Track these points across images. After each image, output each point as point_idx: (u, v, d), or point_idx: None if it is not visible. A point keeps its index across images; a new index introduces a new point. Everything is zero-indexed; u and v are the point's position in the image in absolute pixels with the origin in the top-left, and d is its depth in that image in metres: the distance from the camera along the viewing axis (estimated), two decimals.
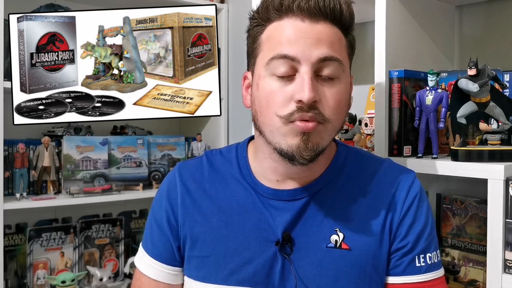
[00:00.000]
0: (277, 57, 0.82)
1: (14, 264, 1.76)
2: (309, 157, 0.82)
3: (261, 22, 0.87)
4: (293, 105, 0.81)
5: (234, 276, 0.89)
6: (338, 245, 0.87)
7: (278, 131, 0.83)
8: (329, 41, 0.83)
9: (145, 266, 0.98)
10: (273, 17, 0.85)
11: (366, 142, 1.41)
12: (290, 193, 0.90)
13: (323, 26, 0.83)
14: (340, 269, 0.86)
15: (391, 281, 0.89)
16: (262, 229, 0.89)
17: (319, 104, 0.82)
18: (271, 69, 0.83)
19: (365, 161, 0.96)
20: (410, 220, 0.89)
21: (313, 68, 0.81)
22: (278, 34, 0.84)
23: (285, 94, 0.82)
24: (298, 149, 0.82)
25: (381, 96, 1.23)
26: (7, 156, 1.70)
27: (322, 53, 0.81)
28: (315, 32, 0.82)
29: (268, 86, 0.83)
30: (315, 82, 0.82)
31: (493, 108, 1.09)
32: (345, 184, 0.92)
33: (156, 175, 2.01)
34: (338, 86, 0.84)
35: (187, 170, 0.98)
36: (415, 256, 0.88)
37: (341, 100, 0.85)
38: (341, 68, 0.84)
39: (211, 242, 0.91)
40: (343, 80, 0.85)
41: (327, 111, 0.82)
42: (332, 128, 0.85)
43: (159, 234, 0.97)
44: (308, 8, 0.82)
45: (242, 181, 0.93)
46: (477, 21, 1.50)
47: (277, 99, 0.82)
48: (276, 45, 0.83)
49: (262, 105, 0.85)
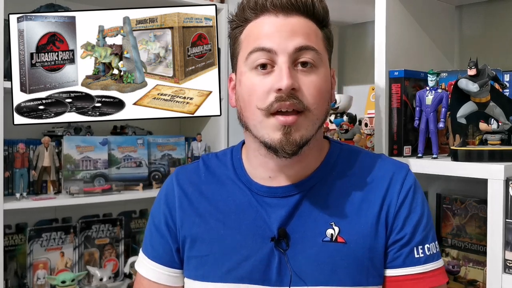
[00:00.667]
0: (254, 50, 0.85)
1: (14, 264, 1.76)
2: (291, 151, 0.84)
3: (239, 24, 0.92)
4: (273, 95, 0.83)
5: (232, 274, 0.90)
6: (333, 238, 0.88)
7: (261, 124, 0.85)
8: (304, 32, 0.86)
9: (146, 270, 1.00)
10: (249, 16, 0.89)
11: (366, 142, 1.41)
12: (284, 190, 0.91)
13: (297, 19, 0.87)
14: (336, 262, 0.87)
15: (391, 274, 0.90)
16: (258, 226, 0.91)
17: (298, 93, 0.84)
18: (250, 63, 0.86)
19: (358, 157, 0.97)
20: (405, 212, 0.90)
21: (290, 58, 0.84)
22: (255, 31, 0.88)
23: (265, 86, 0.84)
24: (280, 143, 0.84)
25: (381, 96, 1.24)
26: (7, 156, 1.70)
27: (298, 43, 0.84)
28: (290, 25, 0.86)
29: (249, 80, 0.87)
30: (294, 71, 0.84)
31: (493, 108, 1.09)
32: (338, 179, 0.93)
33: (156, 175, 2.01)
34: (317, 74, 0.86)
35: (185, 174, 1.01)
36: (413, 247, 0.89)
37: (321, 88, 0.87)
38: (318, 57, 0.87)
39: (209, 242, 0.93)
40: (321, 69, 0.88)
41: (306, 99, 0.84)
42: (314, 117, 0.86)
43: (158, 237, 0.99)
44: (281, 3, 0.86)
45: (237, 182, 0.95)
46: (477, 21, 1.50)
47: (257, 92, 0.85)
48: (254, 40, 0.87)
49: (245, 100, 0.88)
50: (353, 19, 1.79)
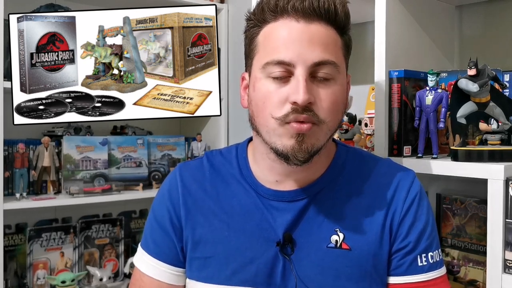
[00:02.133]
0: (272, 62, 0.83)
1: (14, 264, 1.76)
2: (303, 159, 0.83)
3: (257, 24, 0.88)
4: (288, 106, 0.82)
5: (236, 276, 0.89)
6: (338, 245, 0.88)
7: (274, 132, 0.84)
8: (324, 43, 0.83)
9: (146, 266, 0.97)
10: (268, 18, 0.86)
11: (366, 142, 1.41)
12: (290, 194, 0.90)
13: (317, 26, 0.84)
14: (340, 269, 0.87)
15: (394, 281, 0.89)
16: (263, 229, 0.89)
17: (314, 106, 0.82)
18: (267, 73, 0.84)
19: (365, 161, 0.96)
20: (410, 220, 0.89)
21: (308, 70, 0.82)
22: (273, 36, 0.85)
23: (281, 96, 0.82)
24: (293, 150, 0.82)
25: (381, 96, 1.23)
26: (7, 156, 1.70)
27: (317, 57, 0.82)
28: (310, 34, 0.83)
29: (264, 87, 0.84)
30: (310, 84, 0.82)
31: (493, 108, 1.09)
32: (345, 185, 0.92)
33: (156, 175, 2.01)
34: (334, 87, 0.85)
35: (188, 170, 0.98)
36: (417, 255, 0.89)
37: (337, 101, 0.85)
38: (336, 70, 0.85)
39: (213, 243, 0.91)
40: (338, 81, 0.86)
41: (322, 112, 0.83)
42: (327, 129, 0.85)
43: (162, 234, 0.96)
44: (302, 8, 0.82)
45: (243, 182, 0.94)
46: (477, 21, 1.50)
47: (272, 101, 0.83)
48: (272, 49, 0.84)
49: (258, 106, 0.86)
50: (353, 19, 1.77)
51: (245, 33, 0.92)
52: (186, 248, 0.94)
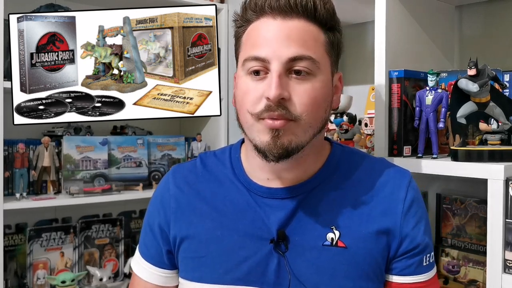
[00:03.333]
0: (249, 58, 0.85)
1: (14, 264, 1.76)
2: (277, 154, 0.83)
3: (242, 24, 0.90)
4: (263, 103, 0.83)
5: (230, 275, 0.89)
6: (334, 243, 0.88)
7: (252, 128, 0.85)
8: (302, 39, 0.83)
9: (140, 269, 1.00)
10: (251, 18, 0.88)
11: (366, 142, 1.41)
12: (283, 192, 0.90)
13: (295, 23, 0.84)
14: (336, 267, 0.87)
15: (402, 281, 0.89)
16: (256, 227, 0.90)
17: (288, 102, 0.82)
18: (246, 69, 0.86)
19: (360, 160, 0.96)
20: (413, 221, 0.89)
21: (284, 66, 0.82)
22: (253, 35, 0.87)
23: (257, 92, 0.84)
24: (268, 146, 0.83)
25: (381, 96, 1.23)
26: (7, 156, 1.70)
27: (292, 52, 0.82)
28: (287, 30, 0.83)
29: (244, 84, 0.86)
30: (286, 79, 0.83)
31: (493, 108, 1.09)
32: (339, 183, 0.92)
33: (156, 175, 2.01)
34: (313, 83, 0.84)
35: (181, 172, 1.00)
36: (424, 255, 0.90)
37: (316, 97, 0.85)
38: (315, 66, 0.84)
39: (206, 242, 0.92)
40: (319, 77, 0.85)
41: (298, 108, 0.83)
42: (306, 125, 0.84)
43: (151, 237, 0.98)
44: (278, 6, 0.83)
45: (236, 181, 0.94)
46: (477, 21, 1.50)
47: (250, 97, 0.84)
48: (251, 47, 0.86)
49: (239, 103, 0.88)
50: (353, 19, 1.79)
51: (234, 35, 0.95)
52: (178, 248, 0.95)
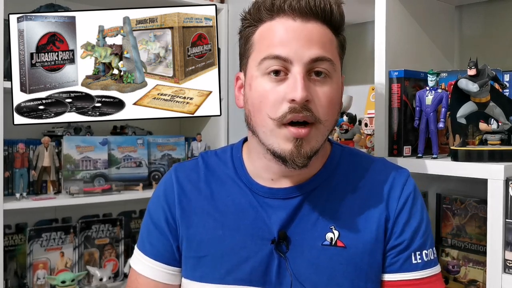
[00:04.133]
0: (269, 57, 0.83)
1: (14, 264, 1.76)
2: (301, 164, 0.83)
3: (253, 23, 0.88)
4: (286, 105, 0.82)
5: (231, 275, 0.89)
6: (333, 242, 0.88)
7: (272, 133, 0.84)
8: (321, 41, 0.84)
9: (143, 267, 0.98)
10: (264, 17, 0.86)
11: (366, 142, 1.41)
12: (285, 192, 0.91)
13: (314, 25, 0.84)
14: (335, 266, 0.87)
15: (388, 278, 0.90)
16: (258, 227, 0.90)
17: (311, 104, 0.82)
18: (263, 69, 0.84)
19: (359, 160, 0.97)
20: (405, 217, 0.90)
21: (305, 68, 0.82)
22: (270, 34, 0.85)
23: (278, 95, 0.82)
24: (291, 155, 0.83)
25: (381, 96, 1.23)
26: (7, 156, 1.70)
27: (314, 54, 0.82)
28: (307, 32, 0.83)
29: (261, 86, 0.84)
30: (307, 81, 0.83)
31: (493, 108, 1.09)
32: (339, 183, 0.92)
33: (156, 175, 2.01)
34: (330, 85, 0.85)
35: (183, 171, 0.99)
36: (411, 253, 0.89)
37: (333, 99, 0.86)
38: (332, 68, 0.85)
39: (207, 242, 0.92)
40: (334, 80, 0.86)
41: (320, 110, 0.83)
42: (325, 129, 0.86)
43: (158, 234, 0.97)
44: (299, 7, 0.83)
45: (238, 181, 0.94)
46: (477, 21, 1.50)
47: (269, 100, 0.83)
48: (268, 46, 0.84)
49: (255, 106, 0.86)
50: (353, 19, 1.78)
51: (240, 33, 0.93)
52: (181, 247, 0.95)
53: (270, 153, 0.86)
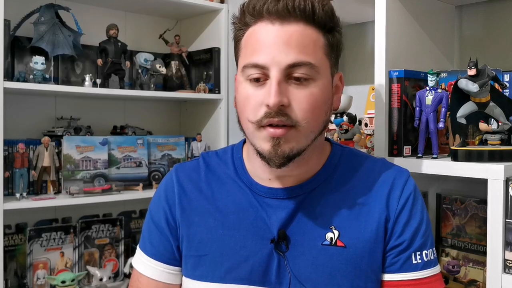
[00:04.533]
0: (248, 65, 0.84)
1: (14, 264, 1.76)
2: (279, 163, 0.84)
3: (241, 27, 0.89)
4: (263, 110, 0.83)
5: (231, 274, 0.90)
6: (333, 242, 0.88)
7: (253, 134, 0.86)
8: (301, 44, 0.83)
9: (144, 267, 0.99)
10: (249, 22, 0.87)
11: (366, 142, 1.41)
12: (285, 192, 0.91)
13: (294, 27, 0.83)
14: (335, 266, 0.87)
15: (388, 278, 0.90)
16: (258, 227, 0.90)
17: (288, 108, 0.82)
18: (246, 76, 0.85)
19: (359, 160, 0.97)
20: (405, 218, 0.90)
21: (283, 73, 0.82)
22: (252, 40, 0.86)
23: (257, 99, 0.84)
24: (269, 154, 0.84)
25: (381, 96, 1.24)
26: (7, 156, 1.70)
27: (291, 59, 0.82)
28: (285, 36, 0.82)
29: (244, 90, 0.86)
30: (286, 85, 0.83)
31: (493, 108, 1.09)
32: (339, 183, 0.93)
33: (156, 175, 2.01)
34: (312, 88, 0.84)
35: (184, 171, 1.00)
36: (412, 253, 0.89)
37: (316, 101, 0.84)
38: (314, 71, 0.84)
39: (207, 241, 0.92)
40: (318, 82, 0.85)
41: (298, 114, 0.83)
42: (308, 131, 0.85)
43: (158, 234, 0.98)
44: (276, 10, 0.82)
45: (238, 181, 0.95)
46: (477, 21, 1.50)
47: (250, 104, 0.85)
48: (250, 53, 0.85)
49: (240, 109, 0.88)
50: (353, 19, 1.78)
51: (233, 37, 0.94)
52: (182, 246, 0.96)
53: (256, 153, 0.87)
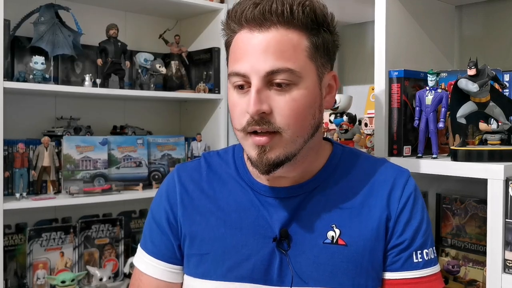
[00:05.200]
0: (232, 74, 0.85)
1: (14, 264, 1.76)
2: (264, 170, 0.85)
3: (228, 33, 0.90)
4: (246, 118, 0.84)
5: (233, 273, 0.90)
6: (334, 241, 0.89)
7: (242, 140, 0.88)
8: (279, 50, 0.82)
9: (145, 266, 0.99)
10: (234, 28, 0.87)
11: (366, 142, 1.42)
12: (286, 191, 0.92)
13: (273, 33, 0.82)
14: (336, 264, 0.88)
15: (389, 277, 0.90)
16: (259, 226, 0.91)
17: (270, 116, 0.83)
18: (232, 83, 0.87)
19: (360, 160, 0.97)
20: (406, 217, 0.90)
21: (262, 80, 0.82)
22: (235, 48, 0.87)
23: (241, 107, 0.85)
24: (256, 162, 0.85)
25: (381, 96, 1.24)
26: (7, 156, 1.69)
27: (269, 66, 0.81)
28: (264, 43, 0.82)
29: (231, 97, 0.88)
30: (267, 92, 0.83)
31: (493, 108, 1.09)
32: (340, 182, 0.93)
33: (156, 175, 2.01)
34: (294, 93, 0.83)
35: (186, 171, 1.01)
36: (413, 252, 0.90)
37: (298, 106, 0.84)
38: (294, 76, 0.83)
39: (209, 240, 0.93)
40: (301, 85, 0.84)
41: (281, 120, 0.83)
42: (292, 136, 0.84)
43: (159, 233, 0.98)
44: (253, 18, 0.82)
45: (239, 180, 0.96)
46: (477, 21, 1.50)
47: (236, 112, 0.86)
48: (233, 61, 0.86)
49: (231, 115, 0.90)
50: (352, 19, 1.78)
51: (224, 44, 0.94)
52: (183, 245, 0.96)
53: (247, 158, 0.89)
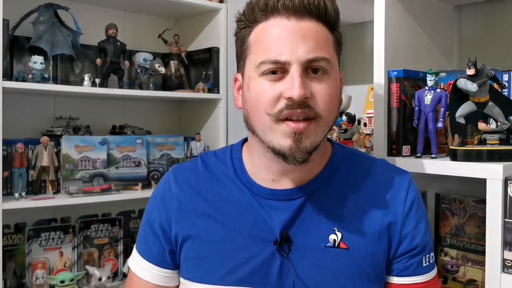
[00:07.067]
0: (267, 62, 0.83)
1: (13, 264, 1.75)
2: (301, 159, 0.83)
3: (248, 24, 0.88)
4: (283, 102, 0.82)
5: (232, 276, 0.89)
6: (336, 244, 0.88)
7: (270, 129, 0.84)
8: (316, 39, 0.84)
9: (137, 267, 0.99)
10: (259, 18, 0.86)
11: (365, 142, 1.42)
12: (287, 193, 0.90)
13: (308, 23, 0.84)
14: (338, 268, 0.87)
15: (401, 282, 0.90)
16: (259, 229, 0.89)
17: (310, 100, 0.83)
18: (261, 71, 0.85)
19: (360, 161, 0.97)
20: (413, 221, 0.90)
21: (302, 66, 0.82)
22: (265, 36, 0.85)
23: (275, 92, 0.83)
24: (291, 151, 0.83)
25: (380, 96, 1.24)
26: (6, 155, 1.69)
27: (311, 54, 0.82)
28: (302, 31, 0.83)
29: (258, 85, 0.85)
30: (305, 79, 0.83)
31: (492, 108, 1.09)
32: (340, 184, 0.92)
33: (155, 174, 2.01)
34: (328, 81, 0.85)
35: (182, 172, 0.99)
36: (423, 256, 0.90)
37: (332, 94, 0.86)
38: (329, 65, 0.85)
39: (208, 243, 0.91)
40: (332, 76, 0.86)
41: (320, 105, 0.83)
42: (324, 124, 0.85)
43: (152, 236, 0.97)
44: (293, 6, 0.83)
45: (237, 182, 0.94)
46: (476, 21, 1.50)
47: (266, 98, 0.83)
48: (265, 49, 0.84)
49: (252, 105, 0.86)
50: (352, 19, 1.78)
51: (235, 35, 0.93)
52: (180, 248, 0.94)
53: (270, 151, 0.86)
